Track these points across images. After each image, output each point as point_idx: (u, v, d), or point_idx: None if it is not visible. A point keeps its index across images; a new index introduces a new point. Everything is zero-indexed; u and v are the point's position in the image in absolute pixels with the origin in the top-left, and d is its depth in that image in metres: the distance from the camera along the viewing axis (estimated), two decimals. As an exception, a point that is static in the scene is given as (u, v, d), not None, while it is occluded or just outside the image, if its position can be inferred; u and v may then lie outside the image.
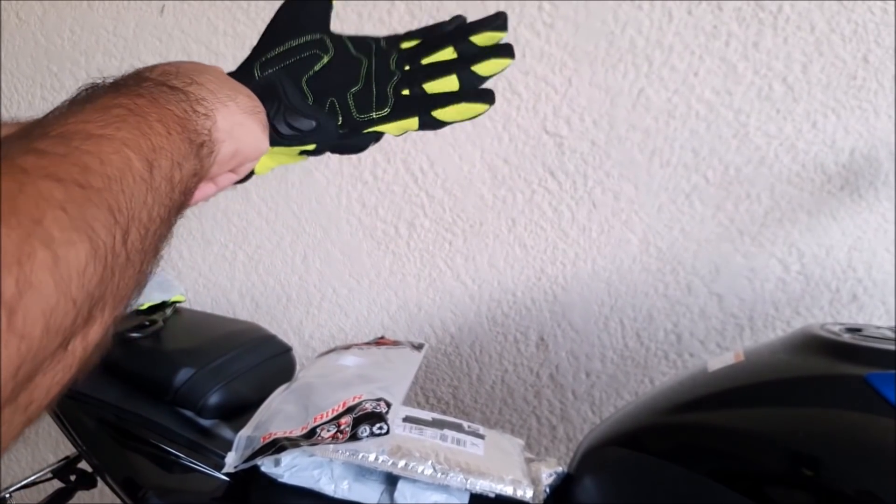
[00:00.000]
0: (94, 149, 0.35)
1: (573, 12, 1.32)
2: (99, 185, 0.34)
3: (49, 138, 0.34)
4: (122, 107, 0.41)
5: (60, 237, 0.30)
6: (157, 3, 1.62)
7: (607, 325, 1.43)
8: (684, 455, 0.79)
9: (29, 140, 0.34)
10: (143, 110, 0.42)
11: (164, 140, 0.41)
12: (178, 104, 0.46)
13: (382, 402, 0.87)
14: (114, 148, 0.37)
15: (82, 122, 0.37)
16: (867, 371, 0.72)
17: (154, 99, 0.44)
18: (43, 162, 0.32)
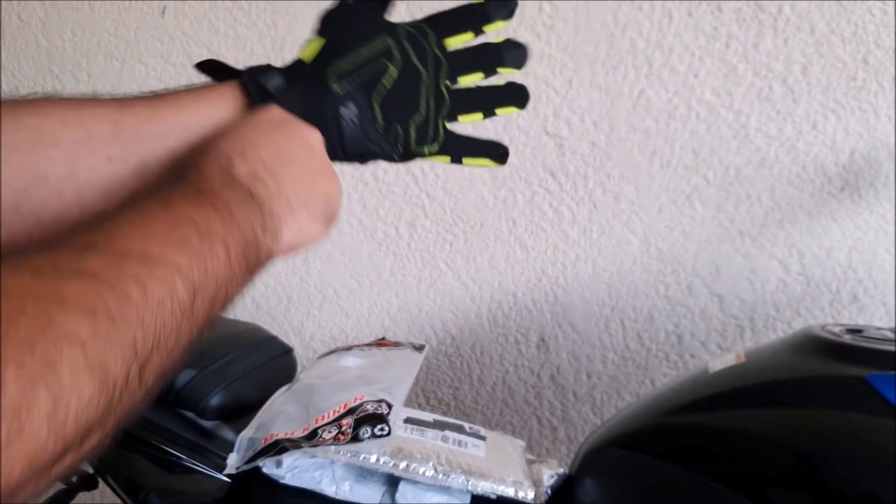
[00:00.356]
0: (144, 274, 0.36)
1: (573, 14, 1.32)
2: (132, 318, 0.34)
3: (106, 255, 0.35)
4: (191, 224, 0.41)
5: (70, 382, 0.30)
6: (159, 4, 1.63)
7: (608, 327, 1.44)
8: (685, 456, 0.79)
9: (85, 251, 0.35)
10: (212, 231, 0.42)
11: (220, 265, 0.42)
12: (249, 222, 0.47)
13: (384, 403, 0.87)
14: (164, 274, 0.37)
15: (145, 240, 0.38)
16: (867, 372, 0.72)
17: (228, 215, 0.45)
18: (85, 291, 0.33)
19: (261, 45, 1.55)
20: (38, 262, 0.33)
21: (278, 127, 0.54)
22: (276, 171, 0.51)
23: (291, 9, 1.50)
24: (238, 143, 0.51)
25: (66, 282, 0.32)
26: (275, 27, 1.53)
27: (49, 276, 0.32)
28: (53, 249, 0.34)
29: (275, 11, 1.52)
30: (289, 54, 1.56)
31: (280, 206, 0.50)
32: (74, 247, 0.35)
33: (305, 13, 1.49)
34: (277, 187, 0.51)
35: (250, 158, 0.50)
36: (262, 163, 0.51)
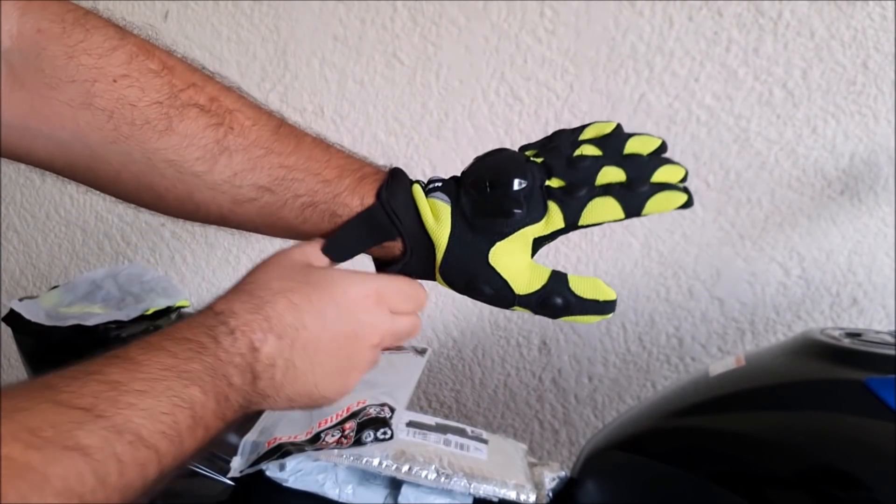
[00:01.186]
0: (128, 457, 0.37)
1: (574, 18, 1.32)
2: (100, 498, 0.36)
3: (101, 431, 0.36)
4: (189, 409, 0.42)
5: None
6: (161, 8, 1.63)
7: (609, 330, 1.44)
8: (686, 459, 0.79)
9: (86, 416, 0.36)
10: (203, 418, 0.43)
11: (194, 445, 0.43)
12: (238, 406, 0.47)
13: (386, 407, 0.88)
14: (145, 460, 0.39)
15: (143, 416, 0.39)
16: (867, 376, 0.73)
17: (224, 400, 0.45)
18: (70, 474, 0.34)
19: (263, 49, 1.55)
20: (37, 421, 0.34)
21: (329, 299, 0.53)
22: (297, 365, 0.51)
23: (294, 13, 1.51)
24: (287, 316, 0.50)
25: (54, 461, 0.33)
26: (277, 31, 1.54)
27: (40, 448, 0.33)
28: (58, 399, 0.36)
29: (277, 16, 1.53)
30: (291, 59, 1.57)
31: (276, 400, 0.51)
32: (79, 405, 0.36)
33: (308, 18, 1.50)
34: (286, 383, 0.51)
35: (282, 344, 0.50)
36: (289, 349, 0.50)
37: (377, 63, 1.47)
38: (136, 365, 0.41)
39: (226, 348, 0.46)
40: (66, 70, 0.50)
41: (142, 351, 0.42)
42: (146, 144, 0.53)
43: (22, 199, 1.90)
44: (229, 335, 0.47)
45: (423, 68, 1.44)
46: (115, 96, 0.51)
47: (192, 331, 0.46)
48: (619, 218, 0.55)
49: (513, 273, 0.56)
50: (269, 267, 0.54)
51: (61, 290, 1.18)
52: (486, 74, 1.40)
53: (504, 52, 1.38)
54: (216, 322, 0.47)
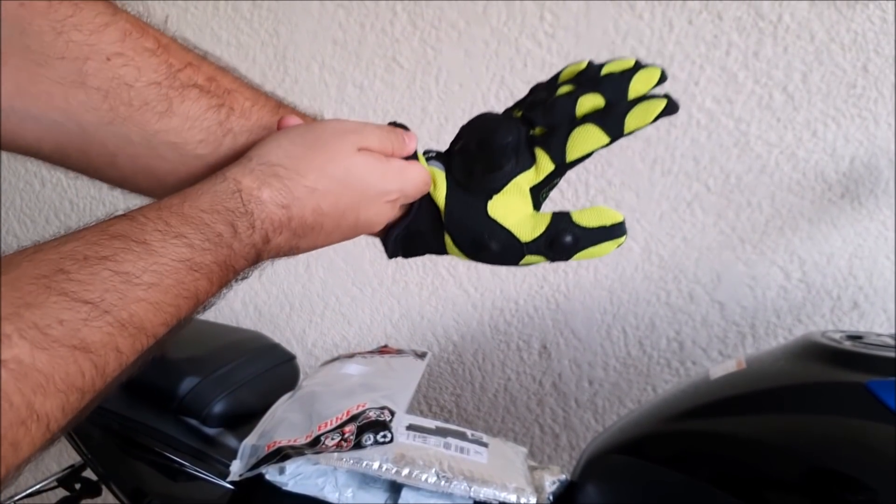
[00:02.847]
0: (128, 346, 0.38)
1: (574, 22, 1.33)
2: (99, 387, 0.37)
3: (102, 322, 0.36)
4: (189, 298, 0.42)
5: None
6: (162, 13, 1.63)
7: (610, 334, 1.44)
8: (687, 462, 0.79)
9: (83, 310, 0.36)
10: (204, 298, 0.44)
11: (198, 300, 0.44)
12: (236, 278, 0.48)
13: (386, 410, 0.88)
14: (140, 345, 0.39)
15: (140, 309, 0.39)
16: (868, 378, 0.73)
17: (222, 285, 0.46)
18: (70, 368, 0.35)
19: (263, 53, 1.55)
20: (46, 318, 0.34)
21: (357, 215, 0.54)
22: (300, 247, 0.52)
23: (294, 18, 1.51)
24: (309, 218, 0.51)
25: (59, 361, 0.34)
26: (277, 36, 1.54)
27: (47, 348, 0.33)
28: (68, 291, 0.35)
29: (277, 20, 1.53)
30: (291, 63, 1.57)
31: (286, 255, 0.52)
32: (87, 298, 0.36)
33: (307, 22, 1.50)
34: (283, 255, 0.52)
35: (293, 237, 0.51)
36: (297, 239, 0.51)
37: (377, 67, 1.47)
38: (150, 254, 0.40)
39: (242, 240, 0.46)
40: (55, 46, 0.48)
41: (160, 236, 0.41)
42: (146, 126, 0.52)
43: (21, 204, 1.91)
44: (249, 228, 0.46)
45: (423, 72, 1.44)
46: (109, 75, 0.50)
47: (214, 215, 0.45)
48: (604, 143, 0.55)
49: (515, 222, 0.57)
50: (311, 148, 0.52)
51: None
52: (485, 78, 1.40)
53: (504, 55, 1.38)
54: (240, 208, 0.46)
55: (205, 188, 0.46)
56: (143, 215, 0.42)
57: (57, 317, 0.34)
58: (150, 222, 0.41)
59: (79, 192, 1.85)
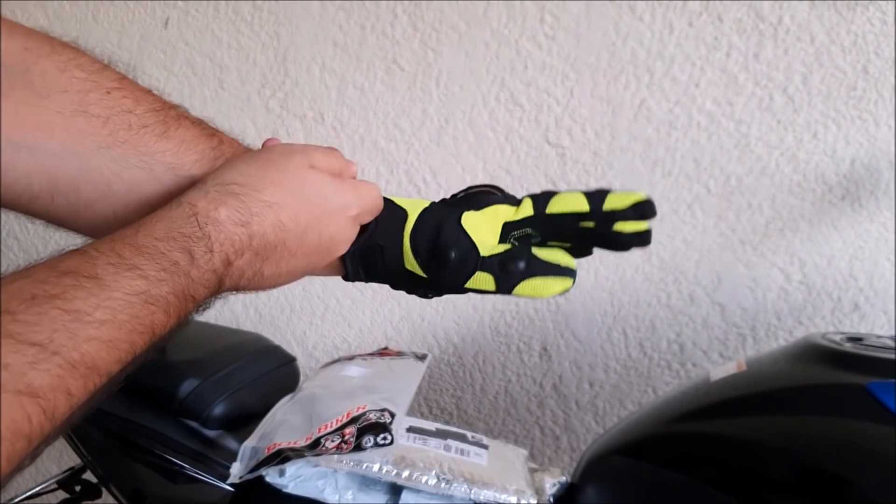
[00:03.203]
0: (80, 387, 0.36)
1: (575, 24, 1.33)
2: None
3: (51, 366, 0.35)
4: (145, 333, 0.40)
5: None
6: (162, 15, 1.64)
7: (610, 336, 1.44)
8: (687, 464, 0.79)
9: (38, 351, 0.34)
10: (160, 332, 0.42)
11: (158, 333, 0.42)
12: (195, 310, 0.46)
13: (386, 412, 0.88)
14: (92, 384, 0.37)
15: (92, 349, 0.37)
16: (868, 380, 0.73)
17: (181, 317, 0.44)
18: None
19: (264, 55, 1.55)
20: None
21: (320, 227, 0.54)
22: (265, 273, 0.51)
23: (295, 20, 1.51)
24: (271, 235, 0.50)
25: (3, 408, 0.32)
26: (277, 38, 1.54)
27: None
28: (13, 333, 0.34)
29: (278, 22, 1.53)
30: (292, 65, 1.57)
31: (231, 293, 0.50)
32: (35, 340, 0.34)
33: (308, 24, 1.50)
34: (248, 286, 0.51)
35: (255, 259, 0.49)
36: (261, 262, 0.50)
37: (377, 69, 1.47)
38: (102, 289, 0.38)
39: (200, 266, 0.44)
40: (59, 82, 0.50)
41: (112, 269, 0.39)
42: (144, 147, 0.52)
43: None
44: (207, 252, 0.45)
45: (424, 74, 1.44)
46: (109, 104, 0.51)
47: (169, 242, 0.43)
48: (584, 209, 0.57)
49: (481, 236, 0.58)
50: (263, 165, 0.52)
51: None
52: (486, 80, 1.40)
53: (504, 57, 1.38)
54: (196, 232, 0.45)
55: (160, 215, 0.45)
56: (95, 249, 0.40)
57: (2, 360, 0.33)
58: (102, 255, 0.40)
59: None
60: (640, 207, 0.55)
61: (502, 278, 0.57)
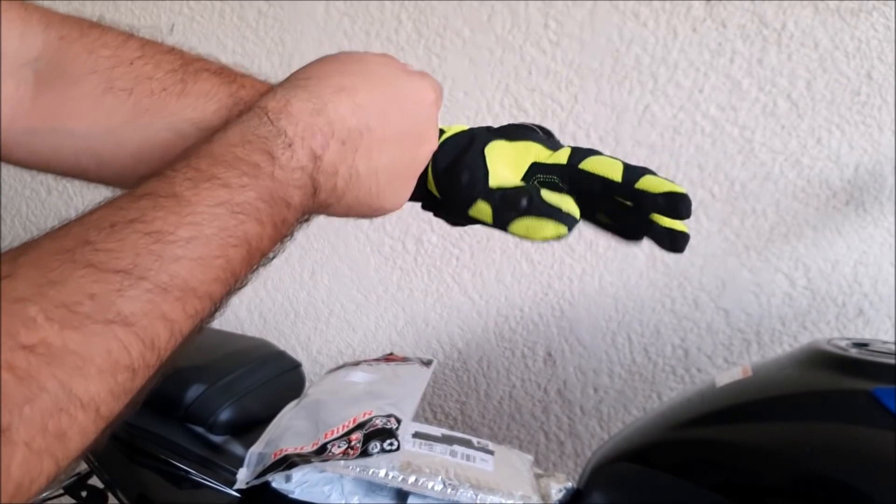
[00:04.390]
0: (177, 313, 0.35)
1: (579, 30, 1.33)
2: (151, 363, 0.34)
3: (143, 292, 0.33)
4: (244, 241, 0.38)
5: (76, 445, 0.30)
6: (167, 21, 1.64)
7: (615, 341, 1.44)
8: (693, 470, 0.79)
9: (125, 279, 0.33)
10: (257, 244, 0.40)
11: (249, 266, 0.40)
12: (297, 217, 0.44)
13: (392, 418, 0.88)
14: (196, 310, 0.36)
15: (192, 266, 0.35)
16: (874, 386, 0.73)
17: (278, 225, 0.42)
18: (113, 347, 0.31)
19: (269, 61, 1.56)
20: (74, 295, 0.31)
21: (401, 105, 0.51)
22: (360, 171, 0.48)
23: (299, 26, 1.52)
24: (350, 118, 0.47)
25: (94, 339, 0.31)
26: (282, 44, 1.54)
27: (78, 327, 0.30)
28: (95, 262, 0.32)
29: (283, 29, 1.54)
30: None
31: (335, 209, 0.49)
32: (118, 267, 0.33)
33: (313, 31, 1.51)
34: (347, 190, 0.48)
35: (345, 150, 0.46)
36: (352, 155, 0.47)
37: (382, 75, 1.48)
38: (182, 206, 0.36)
39: (283, 164, 0.42)
40: (87, 63, 0.52)
41: (190, 184, 0.37)
42: (165, 110, 0.53)
43: (27, 212, 1.91)
44: (287, 148, 0.42)
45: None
46: (133, 75, 0.53)
47: (245, 146, 0.41)
48: (615, 177, 0.54)
49: (499, 167, 0.56)
50: (324, 60, 0.51)
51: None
52: (490, 86, 1.41)
53: (508, 63, 1.39)
54: (271, 130, 0.43)
55: (232, 123, 0.43)
56: (171, 168, 0.38)
57: (86, 291, 0.31)
58: (178, 173, 0.38)
59: (85, 199, 1.85)
60: (672, 198, 0.51)
61: (500, 211, 0.55)
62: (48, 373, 0.29)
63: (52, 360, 0.29)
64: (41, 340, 0.29)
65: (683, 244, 0.54)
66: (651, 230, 0.55)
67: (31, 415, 0.28)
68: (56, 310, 0.30)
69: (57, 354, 0.29)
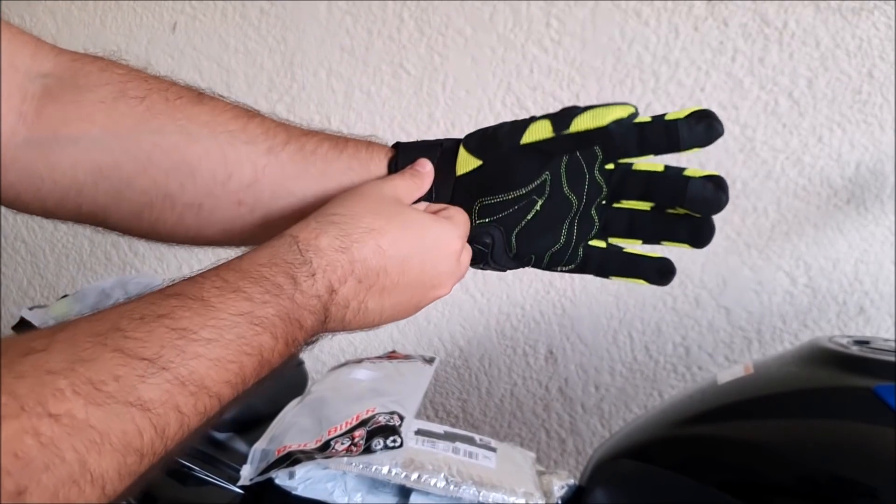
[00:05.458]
0: (188, 407, 0.36)
1: (580, 29, 1.33)
2: (158, 449, 0.35)
3: (164, 383, 0.35)
4: (256, 351, 0.40)
5: None
6: (170, 20, 1.64)
7: (616, 339, 1.44)
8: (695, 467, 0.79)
9: (147, 368, 0.34)
10: (269, 356, 0.42)
11: (257, 374, 0.42)
12: (305, 338, 0.46)
13: (395, 415, 0.88)
14: (206, 407, 0.38)
15: (209, 366, 0.37)
16: (875, 383, 0.73)
17: (289, 343, 0.44)
18: (129, 430, 0.33)
19: (271, 60, 1.56)
20: (101, 374, 0.33)
21: (422, 256, 0.53)
22: (369, 306, 0.50)
23: (301, 25, 1.52)
24: (372, 260, 0.49)
25: (114, 418, 0.32)
26: (284, 42, 1.55)
27: (101, 404, 0.32)
28: (124, 348, 0.34)
29: (284, 27, 1.54)
30: (299, 69, 1.57)
31: (337, 331, 0.50)
32: (144, 355, 0.35)
33: (315, 29, 1.51)
34: (353, 321, 0.50)
35: (360, 287, 0.49)
36: (365, 292, 0.49)
37: (384, 73, 1.48)
38: (208, 309, 0.39)
39: (304, 290, 0.45)
40: (102, 77, 0.53)
41: (217, 292, 0.40)
42: (180, 113, 0.55)
43: (30, 210, 1.91)
44: (310, 277, 0.45)
45: (430, 79, 1.45)
46: (147, 87, 0.54)
47: (272, 268, 0.44)
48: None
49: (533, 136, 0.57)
50: (358, 198, 0.53)
51: (71, 300, 1.19)
52: (492, 84, 1.41)
53: (510, 62, 1.39)
54: (298, 259, 0.46)
55: (263, 246, 0.46)
56: (200, 275, 0.42)
57: (112, 372, 0.33)
58: (207, 280, 0.41)
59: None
60: (701, 115, 0.55)
61: (558, 117, 0.56)
62: (69, 443, 0.30)
63: (73, 431, 0.31)
64: (67, 411, 0.31)
65: (723, 197, 0.56)
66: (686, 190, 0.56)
67: (47, 483, 0.29)
68: (83, 385, 0.32)
69: (79, 427, 0.31)
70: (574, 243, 0.59)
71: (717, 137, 0.54)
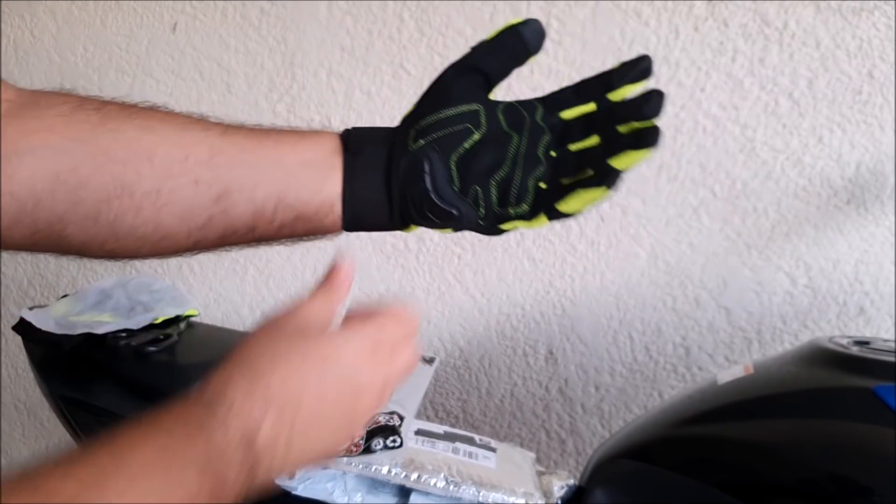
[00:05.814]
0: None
1: (581, 29, 1.33)
2: None
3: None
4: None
5: None
6: (170, 20, 1.64)
7: (616, 339, 1.44)
8: (696, 467, 0.79)
9: None
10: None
11: None
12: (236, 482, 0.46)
13: (395, 415, 0.88)
14: None
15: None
16: (875, 383, 0.73)
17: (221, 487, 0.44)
18: None
19: (271, 60, 1.56)
20: None
21: (324, 364, 0.51)
22: (295, 441, 0.49)
23: (301, 25, 1.52)
24: (270, 391, 0.48)
25: None
26: (285, 42, 1.55)
27: None
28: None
29: (285, 27, 1.54)
30: (299, 70, 1.57)
31: (284, 471, 0.50)
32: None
33: (315, 29, 1.51)
34: (289, 457, 0.49)
35: (276, 425, 0.48)
36: (289, 427, 0.48)
37: (384, 74, 1.48)
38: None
39: (218, 442, 0.45)
40: (60, 98, 0.55)
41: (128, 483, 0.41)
42: (137, 115, 0.56)
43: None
44: (221, 427, 0.46)
45: (430, 79, 1.43)
46: (103, 101, 0.56)
47: (181, 442, 0.45)
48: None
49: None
50: (258, 344, 0.52)
51: (71, 300, 1.19)
52: (492, 85, 1.41)
53: (510, 62, 1.39)
54: (206, 412, 0.46)
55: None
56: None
57: None
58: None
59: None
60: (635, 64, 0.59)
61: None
62: None
63: None
64: None
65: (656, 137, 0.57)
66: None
67: None
68: None
69: None
70: (521, 177, 0.57)
71: (648, 74, 0.59)
